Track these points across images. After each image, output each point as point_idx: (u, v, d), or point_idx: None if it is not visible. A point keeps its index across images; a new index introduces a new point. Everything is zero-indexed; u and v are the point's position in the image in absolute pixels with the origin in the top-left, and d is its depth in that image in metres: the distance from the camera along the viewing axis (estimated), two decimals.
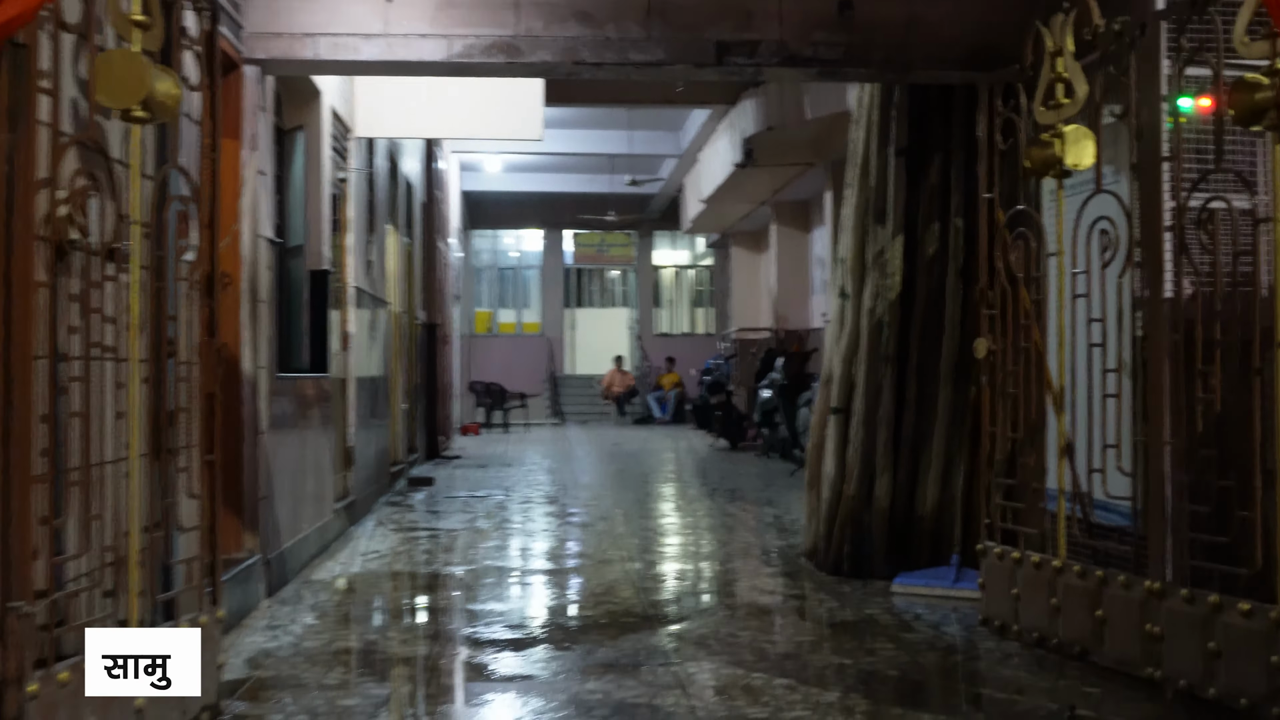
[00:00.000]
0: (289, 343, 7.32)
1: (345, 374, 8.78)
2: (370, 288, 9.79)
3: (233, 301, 5.67)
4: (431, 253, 15.16)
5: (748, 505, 9.74)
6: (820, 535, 6.62)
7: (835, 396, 6.63)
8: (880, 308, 6.45)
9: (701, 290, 27.55)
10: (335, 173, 8.51)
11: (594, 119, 18.85)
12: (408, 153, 12.88)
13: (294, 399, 6.79)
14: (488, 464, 14.18)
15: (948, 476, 6.34)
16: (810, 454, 6.85)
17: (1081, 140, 4.63)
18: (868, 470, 6.43)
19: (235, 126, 5.69)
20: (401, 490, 11.11)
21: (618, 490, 11.10)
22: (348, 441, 8.81)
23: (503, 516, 9.19)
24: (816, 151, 15.57)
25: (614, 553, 7.27)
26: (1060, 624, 4.55)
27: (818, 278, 18.89)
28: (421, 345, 14.39)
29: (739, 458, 14.71)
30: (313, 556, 7.02)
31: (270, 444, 6.06)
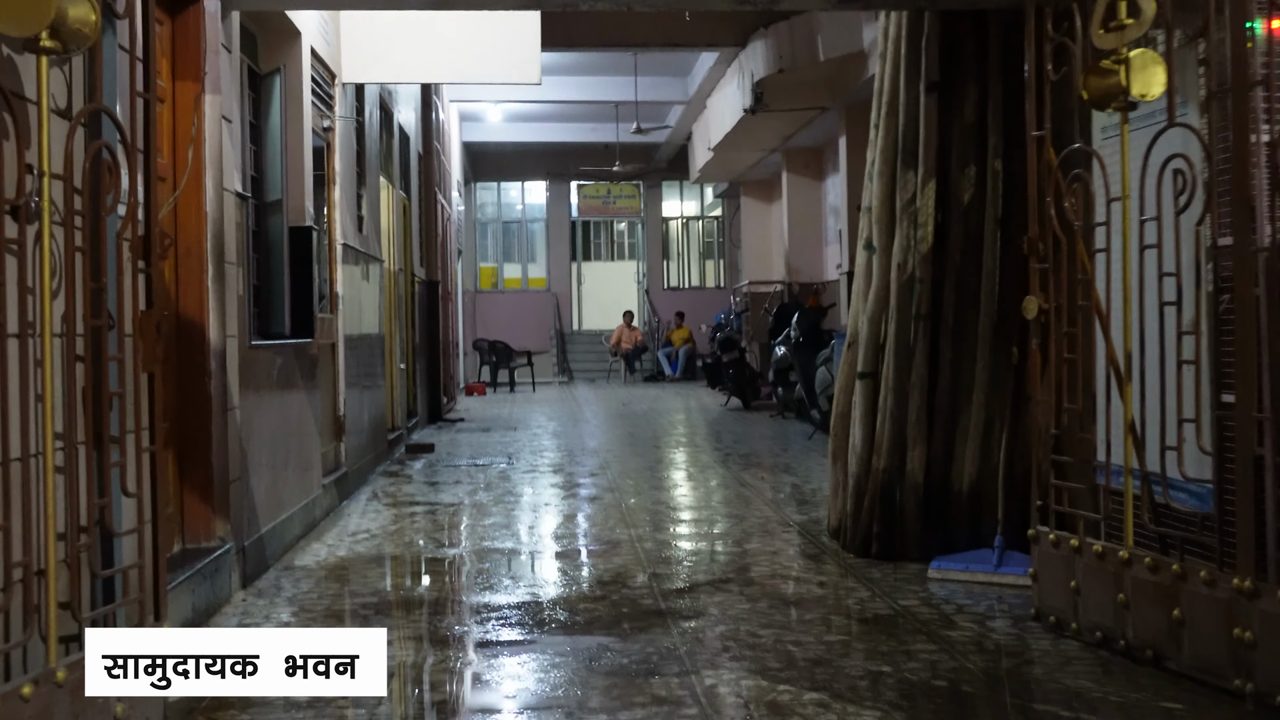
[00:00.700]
0: (268, 307, 6.77)
1: (334, 338, 8.22)
2: (361, 245, 9.22)
3: (195, 264, 5.10)
4: (431, 207, 14.56)
5: (764, 472, 9.20)
6: (847, 512, 6.07)
7: (862, 360, 6.05)
8: (911, 262, 5.85)
9: (710, 242, 26.90)
10: (320, 121, 7.91)
11: (598, 64, 18.16)
12: (403, 102, 12.25)
13: (273, 368, 6.24)
14: (491, 427, 13.66)
15: (987, 448, 5.77)
16: (835, 423, 6.28)
17: (1150, 66, 4.02)
18: (899, 441, 5.87)
19: (194, 67, 5.10)
20: (400, 458, 10.59)
21: (627, 456, 10.57)
22: (338, 410, 8.27)
23: (505, 488, 8.67)
24: (830, 94, 14.91)
25: (623, 531, 6.74)
26: (1129, 623, 4.00)
27: (831, 228, 18.28)
28: (422, 304, 13.83)
29: (752, 418, 14.17)
30: (297, 538, 6.50)
31: (244, 420, 5.51)
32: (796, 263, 18.95)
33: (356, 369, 8.92)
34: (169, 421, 4.91)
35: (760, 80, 14.46)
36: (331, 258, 8.23)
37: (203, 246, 5.11)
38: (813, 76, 14.51)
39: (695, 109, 19.55)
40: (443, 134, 16.59)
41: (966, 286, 5.83)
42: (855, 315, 6.22)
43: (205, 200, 5.12)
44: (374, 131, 10.06)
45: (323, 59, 7.81)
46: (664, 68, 18.42)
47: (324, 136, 8.06)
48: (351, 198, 8.86)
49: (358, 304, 9.01)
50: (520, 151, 24.26)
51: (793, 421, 13.31)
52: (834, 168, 18.14)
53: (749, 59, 14.88)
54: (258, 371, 5.86)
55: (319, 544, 6.47)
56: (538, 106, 20.73)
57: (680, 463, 10.23)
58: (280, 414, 6.36)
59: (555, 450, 11.30)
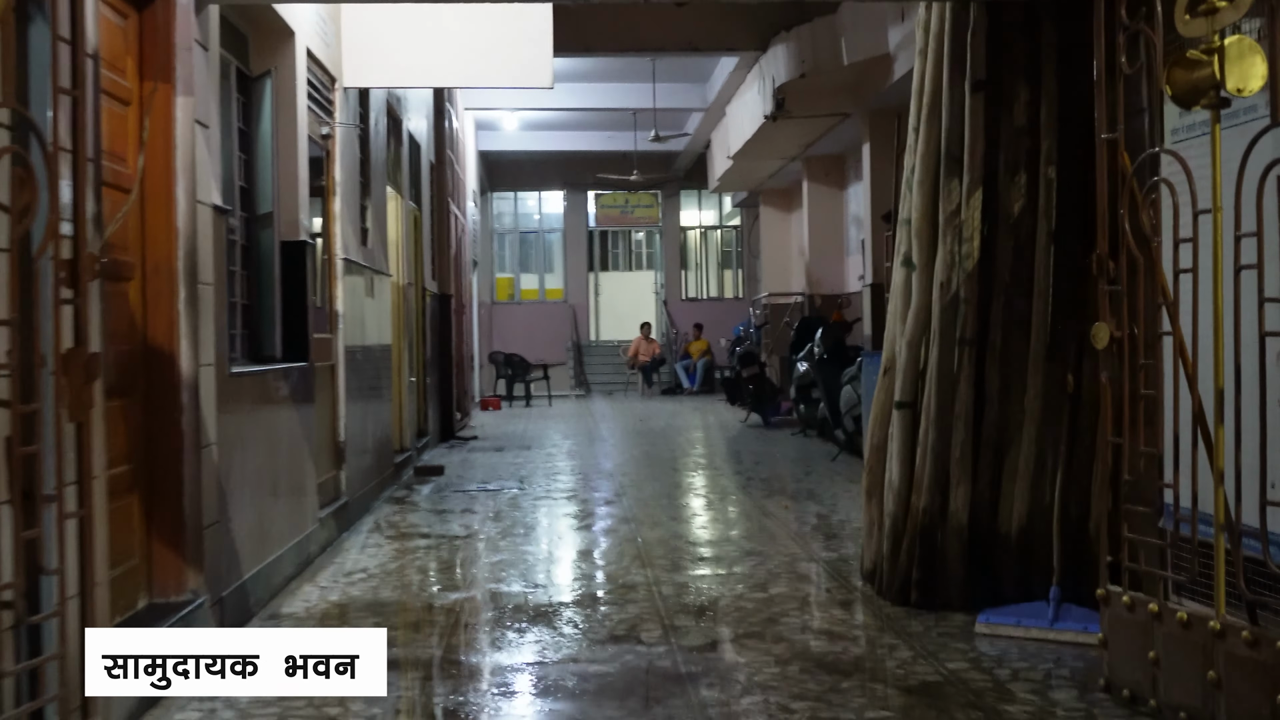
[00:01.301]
0: (259, 329, 6.30)
1: (333, 359, 7.74)
2: (365, 259, 8.74)
3: (165, 286, 4.61)
4: (443, 218, 14.09)
5: (787, 500, 8.67)
6: (883, 554, 5.54)
7: (900, 388, 5.52)
8: (955, 280, 5.32)
9: (729, 252, 26.37)
10: (318, 128, 7.44)
11: (614, 71, 17.67)
12: (413, 109, 11.79)
13: (259, 397, 5.75)
14: (505, 446, 13.16)
15: (1038, 487, 5.24)
16: (869, 457, 5.75)
17: (1247, 56, 3.48)
18: (941, 478, 5.33)
19: (164, 66, 4.62)
20: (407, 482, 10.10)
21: (643, 481, 10.05)
22: (338, 436, 7.78)
23: (515, 518, 8.16)
24: (854, 99, 14.38)
25: (639, 571, 6.22)
26: (1221, 706, 3.46)
27: (853, 237, 17.74)
28: (434, 318, 13.36)
29: (773, 436, 13.63)
30: (289, 579, 6.00)
31: (223, 456, 5.02)
32: (817, 273, 18.40)
33: (359, 390, 8.44)
34: (133, 464, 4.42)
35: (781, 85, 13.95)
36: (331, 274, 7.76)
37: (173, 266, 4.62)
38: (836, 81, 13.98)
39: (714, 116, 19.04)
40: (456, 142, 16.14)
41: (1016, 307, 5.30)
42: (892, 338, 5.70)
43: (176, 214, 4.63)
44: (380, 139, 9.59)
45: (320, 61, 7.33)
46: (682, 74, 17.92)
47: (323, 144, 7.58)
48: (354, 209, 8.38)
49: (360, 322, 8.53)
50: (537, 160, 23.80)
51: (815, 440, 12.77)
52: (856, 175, 17.60)
53: (770, 64, 14.37)
54: (241, 402, 5.36)
55: (311, 586, 5.97)
56: (554, 114, 20.27)
57: (699, 488, 9.70)
58: (268, 446, 5.87)
59: (569, 473, 10.79)
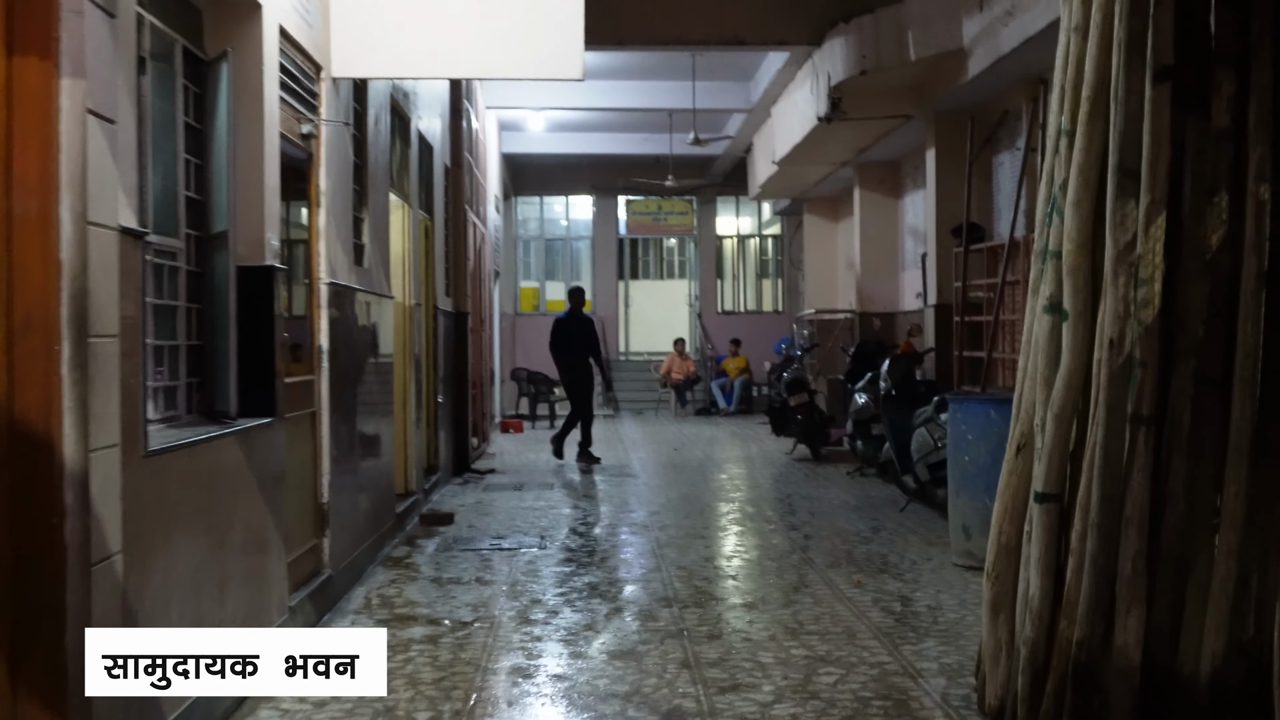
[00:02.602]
0: (212, 378, 4.98)
1: (315, 405, 6.42)
2: (360, 281, 7.42)
3: (39, 343, 3.28)
4: (460, 228, 12.78)
5: (859, 572, 7.26)
6: (1016, 692, 4.16)
7: (1043, 474, 4.14)
8: (1130, 335, 3.93)
9: (766, 261, 24.95)
10: (296, 126, 6.11)
11: (651, 67, 16.33)
12: (424, 106, 10.47)
13: (196, 477, 4.40)
14: (524, 483, 11.81)
15: (1239, 616, 3.85)
16: (995, 559, 4.37)
17: None
18: (1102, 600, 3.95)
19: (40, 36, 3.29)
20: (411, 534, 8.77)
21: (684, 541, 8.66)
22: (320, 498, 6.46)
23: (533, 594, 6.81)
24: (918, 100, 13.00)
25: (687, 691, 4.85)
26: None
27: (909, 251, 16.35)
28: (448, 339, 12.04)
29: (826, 475, 12.21)
30: (230, 711, 4.65)
31: (133, 568, 3.69)
32: (869, 290, 17.01)
33: (350, 437, 7.11)
34: None
35: (838, 84, 12.57)
36: (313, 302, 6.44)
37: (51, 315, 3.29)
38: (899, 80, 12.62)
39: (758, 118, 17.67)
40: (476, 144, 14.83)
41: (1210, 374, 3.91)
42: (1029, 406, 4.31)
43: (57, 242, 3.30)
44: (381, 140, 8.27)
45: (299, 44, 6.01)
46: (724, 71, 16.56)
47: (303, 146, 6.26)
48: (345, 223, 7.06)
49: (353, 356, 7.21)
50: (564, 164, 22.48)
51: (874, 481, 11.36)
52: (914, 183, 16.21)
53: (825, 59, 13.00)
54: (165, 488, 4.03)
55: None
56: (583, 114, 18.95)
57: (748, 551, 8.29)
58: (212, 537, 4.53)
59: (596, 523, 9.44)
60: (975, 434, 7.28)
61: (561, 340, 13.51)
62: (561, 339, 13.52)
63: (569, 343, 13.42)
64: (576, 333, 13.48)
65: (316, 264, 6.42)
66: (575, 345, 13.38)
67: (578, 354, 13.39)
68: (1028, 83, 11.13)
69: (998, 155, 12.79)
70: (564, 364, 13.48)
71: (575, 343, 13.39)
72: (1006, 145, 12.50)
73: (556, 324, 13.77)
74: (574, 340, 13.40)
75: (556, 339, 13.58)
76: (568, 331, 13.51)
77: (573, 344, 13.39)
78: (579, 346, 13.38)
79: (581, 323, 13.67)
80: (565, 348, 13.44)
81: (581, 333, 13.52)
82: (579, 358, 13.39)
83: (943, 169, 13.14)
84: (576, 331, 13.50)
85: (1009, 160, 12.50)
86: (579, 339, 13.43)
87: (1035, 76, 10.81)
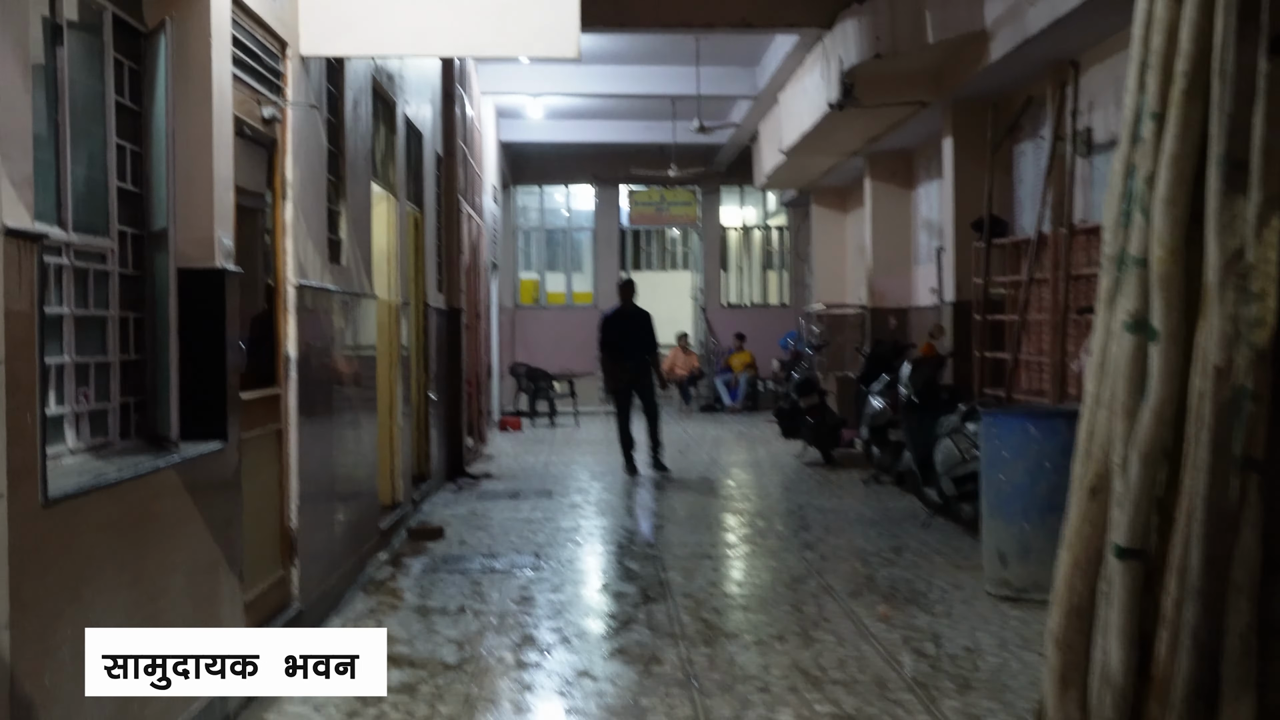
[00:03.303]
0: (155, 397, 4.33)
1: (282, 422, 5.75)
2: (336, 281, 6.75)
3: None
4: (453, 220, 12.10)
5: (883, 603, 6.59)
6: None
7: (1125, 524, 3.47)
8: (1239, 362, 3.26)
9: (771, 253, 24.23)
10: (256, 109, 5.44)
11: (652, 52, 15.62)
12: (414, 91, 9.80)
13: (119, 522, 3.73)
14: (521, 490, 11.15)
15: None
16: (1061, 622, 3.70)
17: None
18: (1205, 680, 3.28)
19: None
20: (397, 551, 8.12)
21: (690, 561, 7.99)
22: (288, 523, 5.79)
23: (525, 629, 6.15)
24: (935, 86, 12.26)
25: None
26: None
27: (923, 244, 15.66)
28: (440, 337, 11.38)
29: (839, 482, 11.53)
30: None
31: (29, 646, 3.03)
32: (880, 285, 16.30)
33: (325, 453, 6.45)
34: None
35: (851, 69, 11.85)
36: (279, 306, 5.76)
37: None
38: (916, 65, 11.88)
39: (764, 105, 16.95)
40: (471, 132, 14.13)
41: None
42: (1103, 439, 3.64)
43: None
44: (362, 127, 7.59)
45: (259, 17, 5.33)
46: (729, 56, 15.83)
47: (266, 131, 5.58)
48: (318, 217, 6.39)
49: (327, 364, 6.54)
50: (565, 153, 21.74)
51: (891, 490, 10.69)
52: (927, 174, 15.50)
53: (836, 43, 12.28)
54: (73, 541, 3.36)
55: None
56: (584, 101, 18.24)
57: (762, 577, 7.61)
58: (138, 588, 3.86)
59: (597, 539, 8.79)
60: (1012, 451, 6.60)
61: (617, 337, 12.21)
62: (617, 336, 12.22)
63: (626, 340, 12.15)
64: (635, 329, 12.19)
65: (283, 263, 5.75)
66: (633, 343, 12.14)
67: (636, 351, 12.14)
68: (1055, 67, 10.43)
69: (1019, 145, 12.09)
70: (620, 364, 12.18)
71: (633, 340, 12.13)
72: (1029, 134, 11.79)
73: (607, 321, 12.45)
74: (632, 337, 12.16)
75: (610, 336, 12.27)
76: (623, 328, 12.22)
77: (630, 341, 12.13)
78: (636, 344, 12.15)
79: (639, 318, 12.36)
80: (623, 346, 12.16)
81: (640, 329, 12.26)
82: (637, 356, 12.15)
83: (961, 159, 12.44)
84: (635, 328, 12.21)
85: (1032, 150, 11.80)
86: (637, 335, 12.16)
87: (1065, 60, 10.12)
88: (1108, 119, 9.90)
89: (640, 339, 12.19)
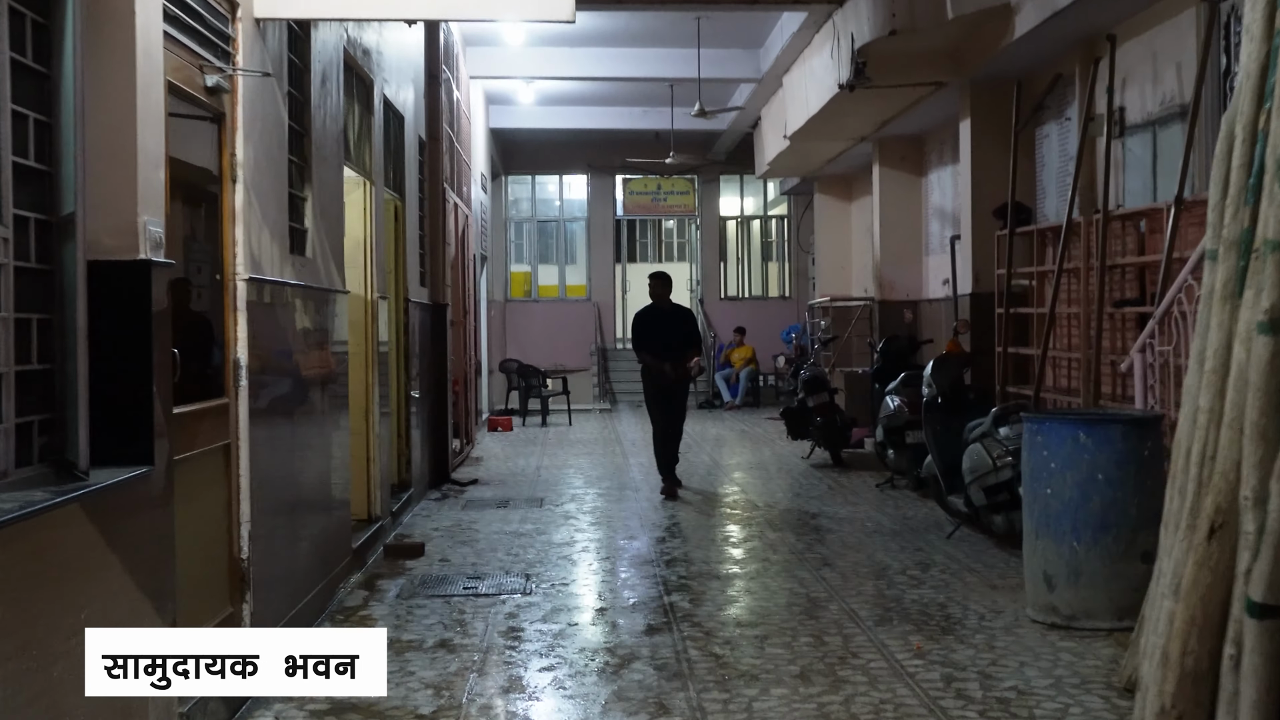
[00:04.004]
0: (63, 415, 3.59)
1: (231, 437, 5.01)
2: (299, 274, 6.01)
3: None
4: (437, 210, 11.35)
5: (915, 632, 5.87)
6: None
7: (1265, 576, 2.75)
8: None
9: (771, 243, 23.53)
10: (197, 76, 4.69)
11: (650, 33, 14.87)
12: (394, 70, 9.05)
13: (2, 572, 3.02)
14: (510, 498, 10.43)
15: None
16: (1173, 689, 2.98)
17: None
18: None
19: None
20: (372, 572, 7.39)
21: (695, 582, 7.27)
22: (238, 554, 5.05)
23: (509, 669, 5.42)
24: (954, 66, 11.55)
25: None
26: None
27: (934, 233, 14.96)
28: (423, 334, 10.64)
29: (851, 486, 10.81)
30: None
31: None
32: (889, 276, 15.60)
33: (282, 473, 5.71)
34: None
35: (863, 47, 11.11)
36: (226, 303, 5.02)
37: None
38: (933, 42, 11.17)
39: (767, 89, 16.22)
40: (458, 117, 13.38)
41: None
42: (1226, 466, 2.91)
43: None
44: (332, 104, 6.84)
45: None
46: (731, 37, 15.09)
47: (210, 103, 4.83)
48: (277, 202, 5.64)
49: (287, 369, 5.80)
50: (558, 140, 21.01)
51: (908, 496, 9.98)
52: (940, 159, 14.80)
53: (847, 20, 11.55)
54: None
55: None
56: (578, 86, 17.51)
57: (777, 600, 6.86)
58: (25, 657, 3.11)
59: (593, 556, 8.06)
60: (1060, 461, 5.87)
61: (657, 336, 10.71)
62: (656, 335, 10.72)
63: (668, 339, 10.66)
64: (678, 326, 10.81)
65: (230, 254, 5.00)
66: (677, 341, 10.67)
67: (677, 351, 10.66)
68: (1086, 42, 9.72)
69: (1042, 127, 11.37)
70: (659, 366, 10.61)
71: (676, 339, 10.69)
72: (1054, 115, 11.07)
73: (641, 318, 10.99)
74: (675, 336, 10.69)
75: (648, 335, 10.78)
76: (665, 325, 10.76)
77: (673, 340, 10.67)
78: (679, 343, 10.69)
79: (683, 314, 11.11)
80: (664, 345, 10.63)
81: (685, 326, 10.89)
82: (679, 356, 10.67)
83: (979, 143, 11.71)
84: (678, 325, 10.83)
85: (1056, 132, 11.08)
86: (680, 334, 10.76)
87: (1096, 35, 9.40)
88: (1144, 98, 9.18)
89: (685, 337, 10.81)
